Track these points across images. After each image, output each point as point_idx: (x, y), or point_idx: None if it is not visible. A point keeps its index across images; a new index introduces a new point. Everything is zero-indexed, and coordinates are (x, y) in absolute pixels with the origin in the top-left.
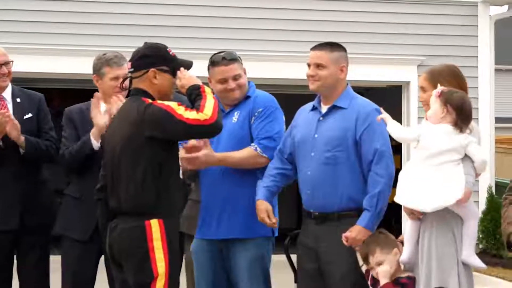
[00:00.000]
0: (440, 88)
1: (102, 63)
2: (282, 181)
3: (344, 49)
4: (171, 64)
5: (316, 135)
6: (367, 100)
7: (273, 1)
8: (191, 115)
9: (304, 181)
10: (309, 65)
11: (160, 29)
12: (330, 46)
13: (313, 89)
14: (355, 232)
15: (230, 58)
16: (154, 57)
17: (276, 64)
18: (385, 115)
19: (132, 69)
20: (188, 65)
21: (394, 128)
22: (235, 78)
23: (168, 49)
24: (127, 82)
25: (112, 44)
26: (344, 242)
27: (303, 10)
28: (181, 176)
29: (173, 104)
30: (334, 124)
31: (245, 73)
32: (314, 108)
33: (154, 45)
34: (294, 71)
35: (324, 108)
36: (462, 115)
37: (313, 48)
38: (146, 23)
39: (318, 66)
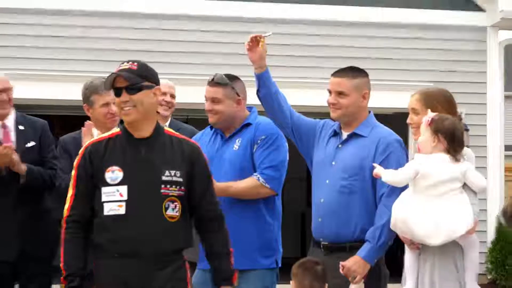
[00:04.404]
0: (429, 115)
1: (91, 92)
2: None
3: (366, 74)
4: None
5: (333, 163)
6: (389, 129)
7: (270, 25)
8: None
9: (316, 208)
10: (330, 91)
11: (165, 55)
12: (352, 72)
13: (334, 118)
14: (351, 262)
15: (217, 81)
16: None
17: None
18: (377, 170)
19: None
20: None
21: (389, 176)
22: (213, 101)
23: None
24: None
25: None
26: (340, 270)
27: (306, 35)
28: None
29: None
30: (353, 152)
31: (238, 103)
32: (335, 134)
33: None
34: (301, 97)
35: (344, 135)
36: (453, 143)
37: (334, 74)
38: (153, 49)
39: (340, 94)
